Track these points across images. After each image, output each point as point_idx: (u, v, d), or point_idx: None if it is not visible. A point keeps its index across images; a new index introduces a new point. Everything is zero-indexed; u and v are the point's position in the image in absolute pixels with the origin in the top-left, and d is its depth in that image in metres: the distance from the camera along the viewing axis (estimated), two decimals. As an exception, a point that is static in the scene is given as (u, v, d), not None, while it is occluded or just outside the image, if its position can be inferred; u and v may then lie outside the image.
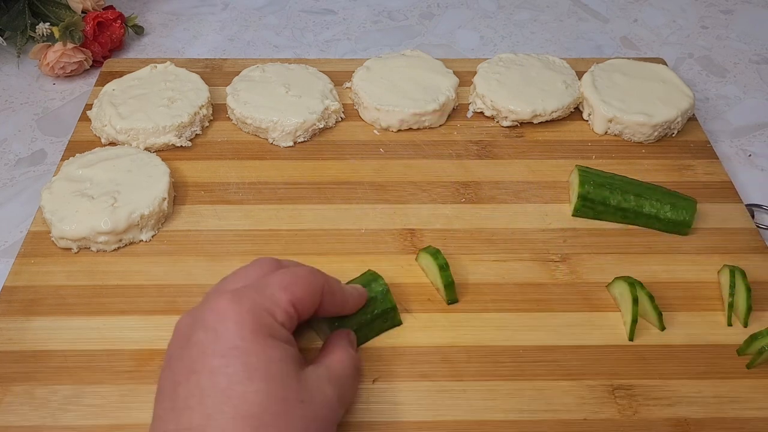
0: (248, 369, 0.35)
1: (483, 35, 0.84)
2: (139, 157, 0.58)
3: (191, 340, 0.37)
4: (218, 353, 0.36)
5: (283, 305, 0.39)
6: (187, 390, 0.35)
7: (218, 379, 0.35)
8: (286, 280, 0.40)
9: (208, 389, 0.35)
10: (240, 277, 0.42)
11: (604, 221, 0.58)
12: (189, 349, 0.37)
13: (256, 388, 0.35)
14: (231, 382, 0.35)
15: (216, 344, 0.36)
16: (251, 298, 0.38)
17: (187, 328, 0.38)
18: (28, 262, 0.53)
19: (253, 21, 0.85)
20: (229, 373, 0.35)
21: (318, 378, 0.39)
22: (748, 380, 0.47)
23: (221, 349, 0.36)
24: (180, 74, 0.67)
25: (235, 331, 0.36)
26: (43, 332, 0.49)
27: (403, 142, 0.64)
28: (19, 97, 0.73)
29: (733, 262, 0.54)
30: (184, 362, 0.36)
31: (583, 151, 0.64)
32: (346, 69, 0.71)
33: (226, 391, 0.34)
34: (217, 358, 0.35)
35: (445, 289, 0.51)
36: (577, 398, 0.46)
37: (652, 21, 0.87)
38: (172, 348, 0.38)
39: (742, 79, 0.78)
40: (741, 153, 0.68)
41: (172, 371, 0.37)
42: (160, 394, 0.37)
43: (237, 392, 0.34)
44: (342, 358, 0.43)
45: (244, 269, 0.42)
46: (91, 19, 0.73)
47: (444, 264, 0.50)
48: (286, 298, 0.39)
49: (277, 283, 0.39)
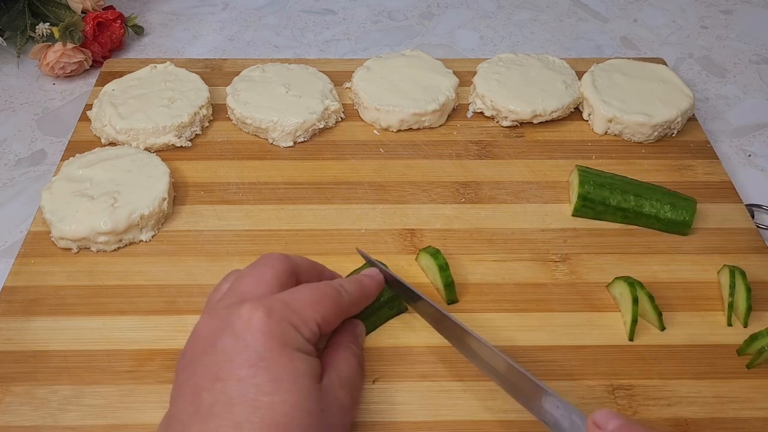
0: (276, 381, 0.36)
1: (483, 35, 0.84)
2: (139, 157, 0.58)
3: (216, 346, 0.37)
4: (246, 363, 0.36)
5: (311, 324, 0.39)
6: (212, 397, 0.35)
7: (246, 389, 0.35)
8: (314, 299, 0.40)
9: (236, 398, 0.35)
10: (255, 279, 0.41)
11: (604, 221, 0.58)
12: (214, 354, 0.37)
13: (283, 399, 0.35)
14: (259, 393, 0.35)
15: (244, 354, 0.36)
16: (280, 312, 0.38)
17: (211, 332, 0.38)
18: (28, 262, 0.53)
19: (253, 21, 0.85)
20: (257, 384, 0.35)
21: (331, 385, 0.40)
22: (748, 380, 0.47)
23: (249, 359, 0.36)
24: (180, 74, 0.67)
25: (264, 342, 0.37)
26: (43, 332, 0.49)
27: (403, 142, 0.64)
28: (19, 97, 0.73)
29: (733, 262, 0.54)
30: (208, 368, 0.37)
31: (583, 151, 0.64)
32: (346, 69, 0.71)
33: (254, 402, 0.35)
34: (245, 368, 0.36)
35: (445, 289, 0.51)
36: (577, 398, 0.46)
37: (652, 21, 0.87)
38: (194, 351, 0.38)
39: (742, 79, 0.78)
40: (741, 153, 0.68)
41: (195, 375, 0.37)
42: (180, 396, 0.37)
43: (264, 403, 0.35)
44: (348, 359, 0.43)
45: (257, 270, 0.42)
46: (91, 19, 0.74)
47: (444, 264, 0.50)
48: (314, 318, 0.40)
49: (306, 300, 0.40)
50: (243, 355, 0.36)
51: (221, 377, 0.36)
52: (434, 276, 0.51)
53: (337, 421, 0.38)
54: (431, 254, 0.51)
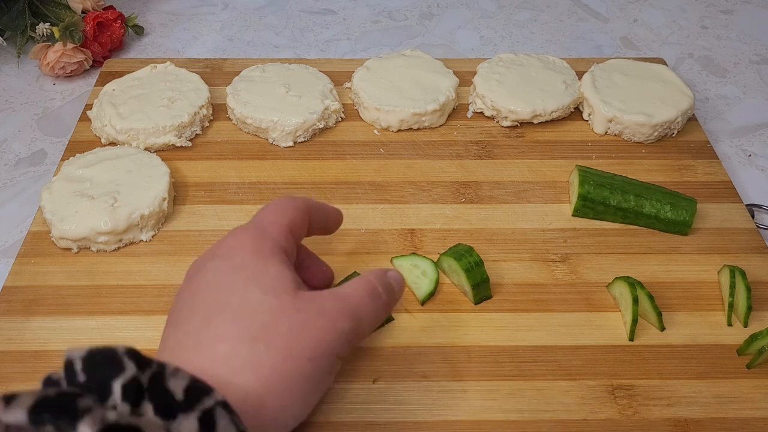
0: (247, 281, 0.38)
1: (483, 35, 0.84)
2: (139, 158, 0.58)
3: (202, 269, 0.40)
4: (224, 271, 0.39)
5: (281, 228, 0.42)
6: (191, 305, 0.38)
7: (218, 291, 0.38)
8: (277, 208, 0.43)
9: (210, 300, 0.37)
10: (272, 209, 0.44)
11: (604, 221, 0.58)
12: (201, 276, 0.39)
13: (254, 297, 0.37)
14: (230, 292, 0.37)
15: (224, 265, 0.39)
16: (252, 227, 0.41)
17: (198, 264, 0.41)
18: (28, 262, 0.54)
19: (253, 21, 0.85)
20: (229, 285, 0.38)
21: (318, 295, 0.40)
22: (748, 380, 0.47)
23: (227, 268, 0.39)
24: (180, 74, 0.67)
25: (240, 252, 0.39)
26: (43, 332, 0.49)
27: (403, 142, 0.64)
28: (19, 97, 0.73)
29: (733, 262, 0.54)
30: (192, 286, 0.39)
31: (583, 151, 0.64)
32: (346, 69, 0.71)
33: (224, 299, 0.37)
34: (223, 275, 0.38)
35: (473, 289, 0.50)
36: (576, 398, 0.46)
37: (652, 21, 0.87)
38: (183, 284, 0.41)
39: (742, 79, 0.78)
40: (741, 153, 0.68)
41: (179, 298, 0.39)
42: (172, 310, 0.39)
43: (236, 300, 0.37)
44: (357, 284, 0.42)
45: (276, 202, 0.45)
46: (91, 19, 0.74)
47: (472, 264, 0.50)
48: (283, 221, 0.42)
49: (272, 212, 0.43)
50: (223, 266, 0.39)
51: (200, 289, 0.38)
52: (460, 278, 0.51)
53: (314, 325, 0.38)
54: (456, 258, 0.50)
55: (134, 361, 0.30)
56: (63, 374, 0.30)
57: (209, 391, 0.31)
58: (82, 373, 0.29)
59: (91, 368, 0.29)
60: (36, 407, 0.26)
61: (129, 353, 0.30)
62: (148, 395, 0.29)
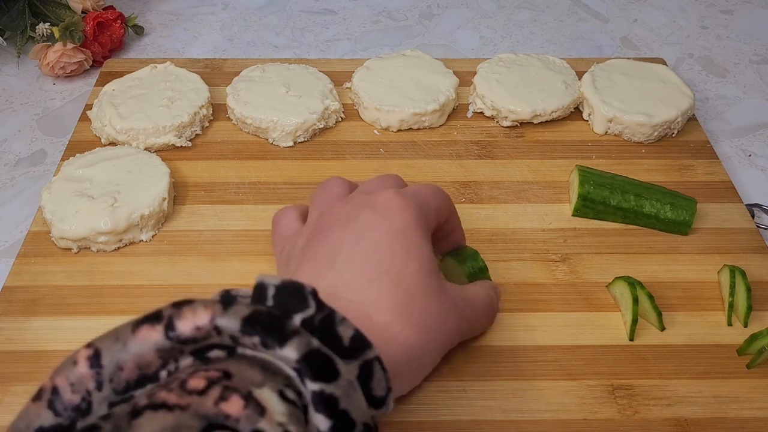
0: (408, 251, 0.39)
1: (483, 35, 0.84)
2: (139, 158, 0.58)
3: (357, 218, 0.40)
4: (384, 231, 0.39)
5: (433, 212, 0.43)
6: (349, 256, 0.39)
7: (381, 254, 0.38)
8: (433, 191, 0.44)
9: (371, 260, 0.38)
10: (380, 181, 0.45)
11: (604, 221, 0.58)
12: (355, 224, 0.40)
13: (413, 269, 0.38)
14: (393, 258, 0.38)
15: (383, 224, 0.39)
16: (413, 198, 0.41)
17: (350, 210, 0.41)
18: (28, 262, 0.54)
19: (253, 21, 0.85)
20: (392, 251, 0.39)
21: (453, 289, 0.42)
22: (748, 380, 0.47)
23: (387, 229, 0.39)
24: (180, 74, 0.67)
25: (401, 218, 0.40)
26: (43, 332, 0.49)
27: (403, 142, 0.64)
28: (19, 97, 0.73)
29: (733, 262, 0.54)
30: (347, 233, 0.40)
31: (583, 151, 0.64)
32: (346, 69, 0.71)
33: (385, 265, 0.38)
34: (383, 235, 0.39)
35: None
36: (576, 398, 0.46)
37: (652, 21, 0.87)
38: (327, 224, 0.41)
39: (742, 79, 0.78)
40: (741, 153, 0.68)
41: (333, 240, 0.40)
42: (314, 253, 0.40)
43: (396, 268, 0.38)
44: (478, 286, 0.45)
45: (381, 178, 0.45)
46: (91, 19, 0.74)
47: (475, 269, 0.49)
48: (435, 206, 0.43)
49: (427, 191, 0.43)
50: (381, 225, 0.39)
51: (359, 243, 0.39)
52: None
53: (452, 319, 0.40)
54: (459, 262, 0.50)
55: (315, 301, 0.31)
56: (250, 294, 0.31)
57: (369, 344, 0.32)
58: (272, 298, 0.31)
59: (282, 297, 0.31)
60: (250, 319, 0.28)
61: (312, 293, 0.31)
62: (318, 335, 0.30)
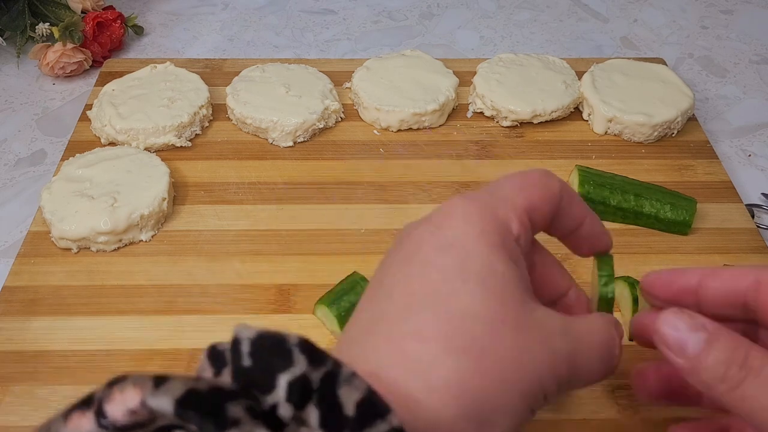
0: (465, 269, 0.30)
1: (483, 35, 0.84)
2: (139, 158, 0.58)
3: (411, 234, 0.32)
4: (435, 245, 0.31)
5: (519, 212, 0.32)
6: (393, 280, 0.31)
7: (429, 271, 0.30)
8: (520, 182, 0.33)
9: (416, 280, 0.30)
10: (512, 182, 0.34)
11: (604, 221, 0.57)
12: (407, 243, 0.32)
13: (470, 290, 0.29)
14: (444, 278, 0.29)
15: (435, 236, 0.31)
16: (483, 199, 0.32)
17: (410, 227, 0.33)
18: (28, 262, 0.54)
19: (253, 21, 0.85)
20: (444, 267, 0.30)
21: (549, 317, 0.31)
22: (748, 380, 0.47)
23: (440, 242, 0.31)
24: (180, 74, 0.67)
25: (460, 227, 0.31)
26: (43, 332, 0.49)
27: (403, 142, 0.64)
28: (19, 97, 0.73)
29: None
30: (397, 256, 0.32)
31: (583, 151, 0.64)
32: (346, 69, 0.71)
33: (434, 284, 0.29)
34: (433, 249, 0.30)
35: None
36: (576, 398, 0.46)
37: (652, 21, 0.87)
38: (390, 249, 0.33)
39: (742, 79, 0.78)
40: (741, 153, 0.68)
41: (382, 266, 0.32)
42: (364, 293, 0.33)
43: (447, 289, 0.29)
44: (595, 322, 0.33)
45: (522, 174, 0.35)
46: (91, 19, 0.74)
47: None
48: (522, 204, 0.32)
49: (511, 184, 0.33)
50: (433, 238, 0.31)
51: (407, 262, 0.31)
52: None
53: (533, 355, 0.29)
54: None
55: (306, 354, 0.25)
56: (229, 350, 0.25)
57: (385, 412, 0.24)
58: (248, 357, 0.25)
59: (258, 354, 0.25)
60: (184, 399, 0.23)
61: (301, 345, 0.25)
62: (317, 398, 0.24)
